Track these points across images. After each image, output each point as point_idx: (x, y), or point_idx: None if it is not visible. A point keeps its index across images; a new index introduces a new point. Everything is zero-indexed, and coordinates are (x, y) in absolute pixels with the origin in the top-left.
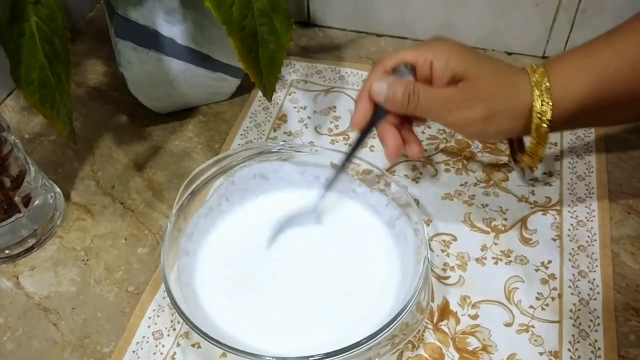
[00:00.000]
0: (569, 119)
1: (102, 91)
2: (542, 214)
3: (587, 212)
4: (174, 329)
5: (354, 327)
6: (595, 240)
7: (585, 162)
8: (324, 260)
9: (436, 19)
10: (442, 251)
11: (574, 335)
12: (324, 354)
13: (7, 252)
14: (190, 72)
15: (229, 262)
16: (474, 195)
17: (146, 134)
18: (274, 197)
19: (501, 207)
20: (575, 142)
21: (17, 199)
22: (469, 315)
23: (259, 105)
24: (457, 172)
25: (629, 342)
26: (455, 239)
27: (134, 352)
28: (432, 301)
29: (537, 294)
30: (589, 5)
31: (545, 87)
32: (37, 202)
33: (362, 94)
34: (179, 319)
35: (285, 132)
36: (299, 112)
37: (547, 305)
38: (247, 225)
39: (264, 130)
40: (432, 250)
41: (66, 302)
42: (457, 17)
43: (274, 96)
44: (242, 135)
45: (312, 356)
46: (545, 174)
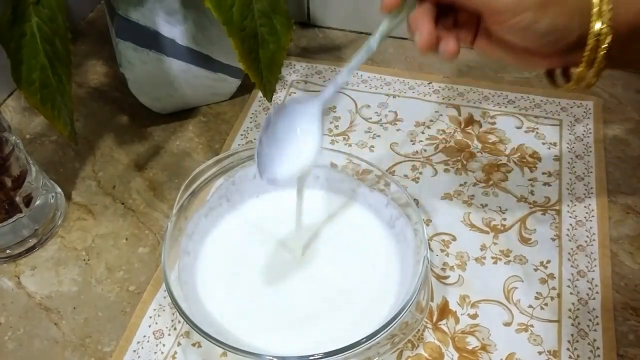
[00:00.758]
0: (630, 34)
1: (103, 91)
2: (541, 214)
3: (586, 212)
4: (175, 329)
5: (353, 326)
6: (594, 240)
7: (584, 162)
8: (324, 259)
9: None
10: (442, 251)
11: (572, 334)
12: (324, 353)
13: (8, 252)
14: (190, 73)
15: (230, 262)
16: (473, 195)
17: (147, 134)
18: (274, 197)
19: (500, 207)
20: (574, 142)
21: (18, 199)
22: (469, 314)
23: (259, 105)
24: (457, 172)
25: (627, 342)
26: (454, 239)
27: (134, 351)
28: (432, 301)
29: (536, 293)
30: None
31: None
32: (38, 202)
33: None
34: (180, 318)
35: None
36: None
37: (546, 304)
38: (248, 225)
39: None
40: (431, 250)
41: (67, 302)
42: None
43: (274, 96)
44: (242, 135)
45: (312, 355)
46: (544, 174)
